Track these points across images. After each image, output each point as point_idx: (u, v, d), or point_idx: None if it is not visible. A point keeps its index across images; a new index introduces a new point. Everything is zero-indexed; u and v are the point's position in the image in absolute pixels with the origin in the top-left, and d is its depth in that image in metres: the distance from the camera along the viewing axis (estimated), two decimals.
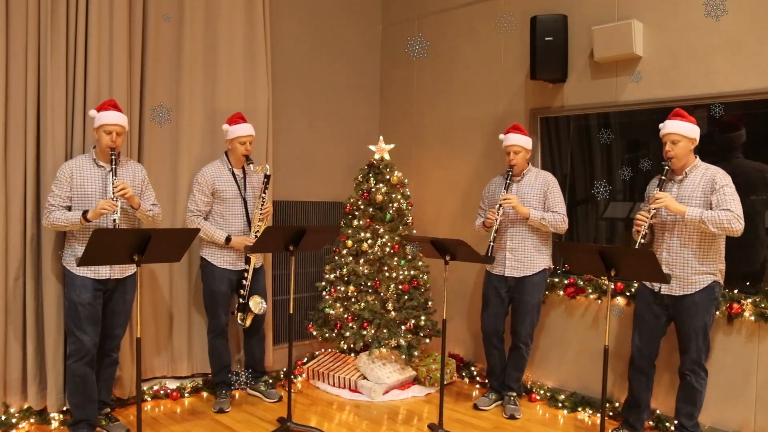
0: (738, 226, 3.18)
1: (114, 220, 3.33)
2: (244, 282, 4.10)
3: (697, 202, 3.31)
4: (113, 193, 3.36)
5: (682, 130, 3.32)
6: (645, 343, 3.51)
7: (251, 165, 4.02)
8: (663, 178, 3.37)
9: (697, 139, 3.37)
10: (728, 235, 3.25)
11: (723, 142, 3.76)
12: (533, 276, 4.01)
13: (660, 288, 3.43)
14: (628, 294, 3.96)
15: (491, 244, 3.92)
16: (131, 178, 3.63)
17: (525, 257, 4.01)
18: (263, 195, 4.06)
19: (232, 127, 4.03)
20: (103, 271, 3.48)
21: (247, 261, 4.10)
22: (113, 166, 3.42)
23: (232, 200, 4.07)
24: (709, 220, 3.18)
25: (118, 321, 3.62)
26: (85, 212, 3.37)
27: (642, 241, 3.34)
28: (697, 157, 3.43)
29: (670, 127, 3.35)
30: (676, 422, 3.52)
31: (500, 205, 3.91)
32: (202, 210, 4.05)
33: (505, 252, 4.05)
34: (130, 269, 3.61)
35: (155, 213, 3.68)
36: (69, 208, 3.45)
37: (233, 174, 4.10)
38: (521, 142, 3.98)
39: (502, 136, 4.08)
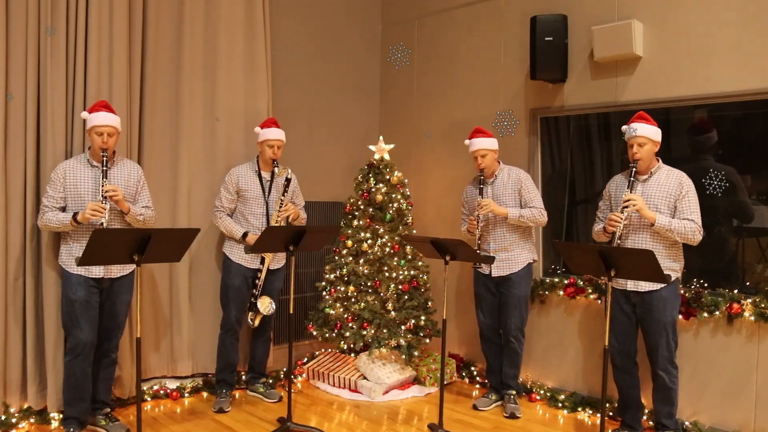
0: (698, 237, 3.37)
1: (101, 224, 3.33)
2: (257, 281, 4.14)
3: (663, 203, 3.42)
4: (101, 195, 3.38)
5: (649, 134, 3.41)
6: (621, 343, 3.55)
7: (276, 168, 4.09)
8: (632, 179, 3.45)
9: (660, 141, 3.46)
10: (687, 243, 3.40)
11: (692, 144, 3.87)
12: (518, 271, 4.05)
13: (626, 285, 3.49)
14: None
15: (477, 249, 4.01)
16: (126, 178, 3.61)
17: (509, 257, 4.05)
18: (282, 198, 4.12)
19: (263, 130, 4.13)
20: (96, 270, 3.48)
21: (262, 261, 4.13)
22: (104, 168, 3.42)
23: (254, 200, 4.14)
24: (677, 230, 3.34)
25: (116, 321, 3.61)
26: (75, 214, 3.38)
27: (618, 241, 3.42)
28: (659, 159, 3.51)
29: (639, 130, 3.42)
30: (656, 422, 3.55)
31: (478, 214, 3.97)
32: (226, 207, 4.17)
33: (488, 252, 4.09)
34: (126, 269, 3.61)
35: (146, 216, 3.65)
36: (63, 209, 3.47)
37: (259, 176, 4.17)
38: (486, 145, 4.01)
39: (467, 141, 4.09)
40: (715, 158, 3.79)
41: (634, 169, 3.44)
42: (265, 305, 4.13)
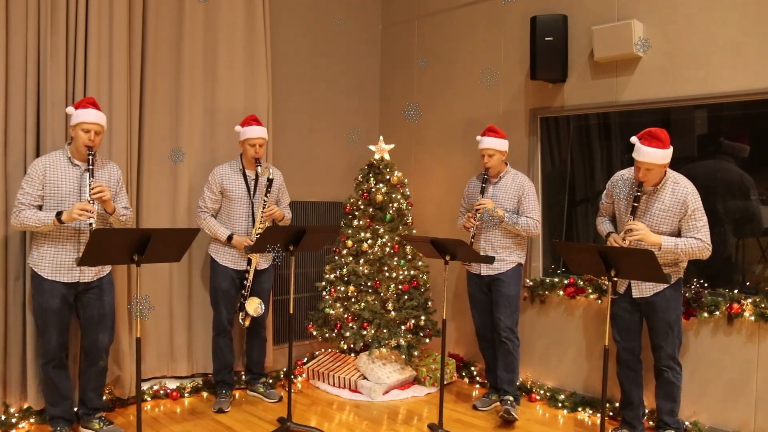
0: (707, 254, 3.33)
1: (91, 224, 3.20)
2: (245, 282, 4.12)
3: (666, 223, 3.36)
4: (89, 195, 3.25)
5: (655, 158, 3.22)
6: (625, 340, 3.57)
7: (259, 167, 4.05)
8: (635, 204, 3.36)
9: (667, 163, 3.29)
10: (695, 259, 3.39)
11: (726, 148, 3.78)
12: (507, 271, 4.04)
13: (632, 292, 3.49)
14: None
15: (470, 244, 4.00)
16: (107, 179, 3.51)
17: (498, 258, 4.04)
18: (265, 199, 4.07)
19: (243, 129, 4.07)
20: (72, 274, 3.36)
21: (249, 262, 4.11)
22: (90, 167, 3.27)
23: (239, 200, 4.10)
24: (684, 251, 3.32)
25: (100, 326, 3.50)
26: (59, 213, 3.23)
27: None
28: (667, 169, 3.38)
29: (641, 153, 3.24)
30: (658, 420, 3.56)
31: (477, 210, 3.98)
32: (209, 207, 4.12)
33: (479, 252, 4.09)
34: (103, 270, 3.50)
35: (127, 217, 3.55)
36: (40, 207, 3.32)
37: (244, 175, 4.13)
38: (495, 145, 4.00)
39: (478, 137, 4.09)
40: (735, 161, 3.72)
41: (638, 193, 3.35)
42: (254, 306, 4.10)
